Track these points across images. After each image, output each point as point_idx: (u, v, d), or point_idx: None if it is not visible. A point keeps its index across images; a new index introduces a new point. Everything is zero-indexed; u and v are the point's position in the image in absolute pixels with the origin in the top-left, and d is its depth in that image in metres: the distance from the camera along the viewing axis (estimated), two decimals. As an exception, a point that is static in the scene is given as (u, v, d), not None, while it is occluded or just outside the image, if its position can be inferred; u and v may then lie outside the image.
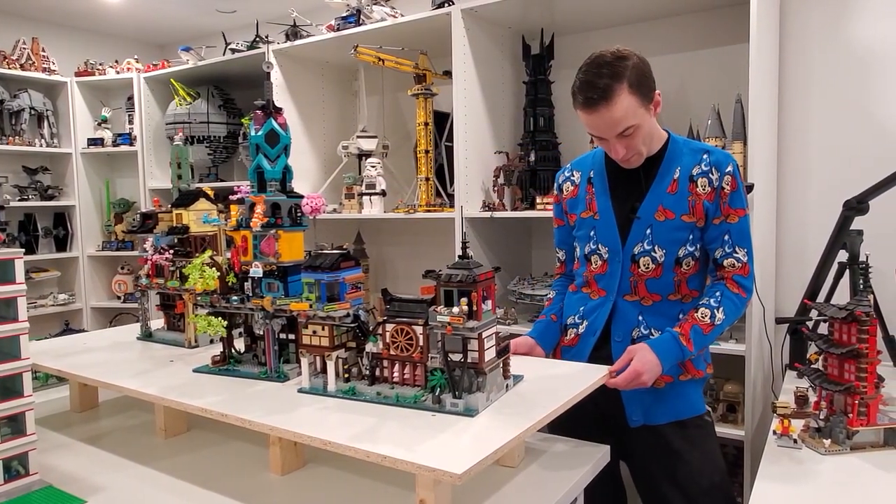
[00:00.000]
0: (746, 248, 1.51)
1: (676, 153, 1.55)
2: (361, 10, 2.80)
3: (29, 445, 1.30)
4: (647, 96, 1.45)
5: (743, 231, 1.51)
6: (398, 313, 1.26)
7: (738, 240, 1.51)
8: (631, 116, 1.42)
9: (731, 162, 1.51)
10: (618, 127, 1.43)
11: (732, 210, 1.50)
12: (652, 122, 1.50)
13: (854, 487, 1.21)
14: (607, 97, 1.40)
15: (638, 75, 1.42)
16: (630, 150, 1.48)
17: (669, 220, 1.51)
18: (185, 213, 1.90)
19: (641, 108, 1.43)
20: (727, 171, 1.50)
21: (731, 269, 1.51)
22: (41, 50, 3.87)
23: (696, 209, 1.51)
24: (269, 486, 1.30)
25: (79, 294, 4.08)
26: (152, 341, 1.93)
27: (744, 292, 1.51)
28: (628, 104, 1.41)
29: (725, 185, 1.49)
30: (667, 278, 1.54)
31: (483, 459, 0.96)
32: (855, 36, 2.27)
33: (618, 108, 1.40)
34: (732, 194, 1.50)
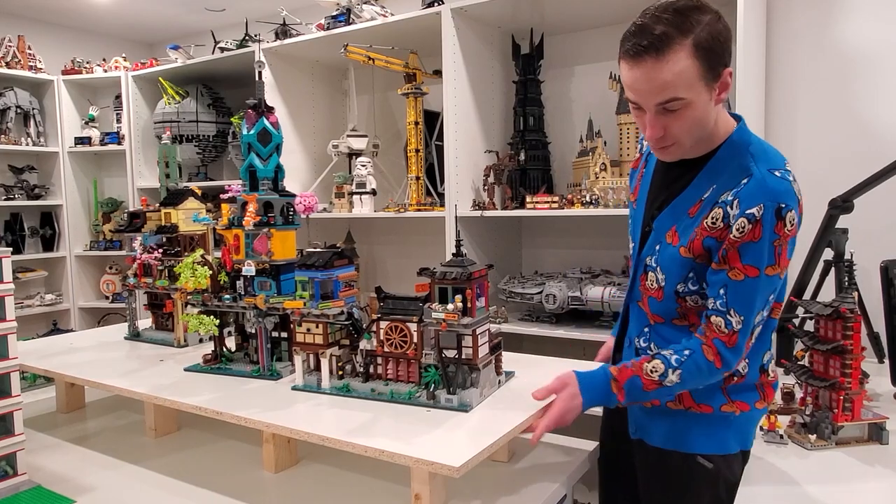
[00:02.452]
0: (744, 315, 1.13)
1: (724, 163, 1.16)
2: (351, 9, 2.79)
3: (17, 446, 1.29)
4: (714, 69, 1.07)
5: (745, 295, 1.12)
6: (392, 310, 1.27)
7: (736, 301, 1.13)
8: (683, 85, 1.06)
9: (763, 202, 1.07)
10: (662, 93, 1.07)
11: (741, 265, 1.10)
12: (709, 107, 1.11)
13: (839, 481, 1.23)
14: (660, 48, 1.05)
15: (711, 36, 1.06)
16: (668, 134, 1.13)
17: (672, 247, 1.20)
18: (173, 212, 1.90)
19: (700, 82, 1.07)
20: (748, 214, 1.08)
21: (716, 331, 1.15)
22: (27, 48, 3.82)
23: (694, 245, 1.16)
24: (264, 483, 1.31)
25: (66, 294, 4.03)
26: (140, 341, 1.92)
27: (720, 363, 1.16)
28: (684, 67, 1.05)
29: (738, 229, 1.09)
30: (668, 305, 1.24)
31: (480, 453, 0.97)
32: (840, 37, 2.30)
33: (669, 67, 1.05)
34: (745, 245, 1.09)
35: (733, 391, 1.25)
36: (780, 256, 1.10)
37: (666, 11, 1.07)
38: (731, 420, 1.25)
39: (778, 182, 1.09)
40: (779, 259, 1.10)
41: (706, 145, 1.18)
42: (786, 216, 1.07)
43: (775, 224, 1.07)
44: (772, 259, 1.10)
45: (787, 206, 1.08)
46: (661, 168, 1.28)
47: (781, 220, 1.07)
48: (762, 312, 1.15)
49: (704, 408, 1.25)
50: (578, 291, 2.32)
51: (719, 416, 1.24)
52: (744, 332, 1.14)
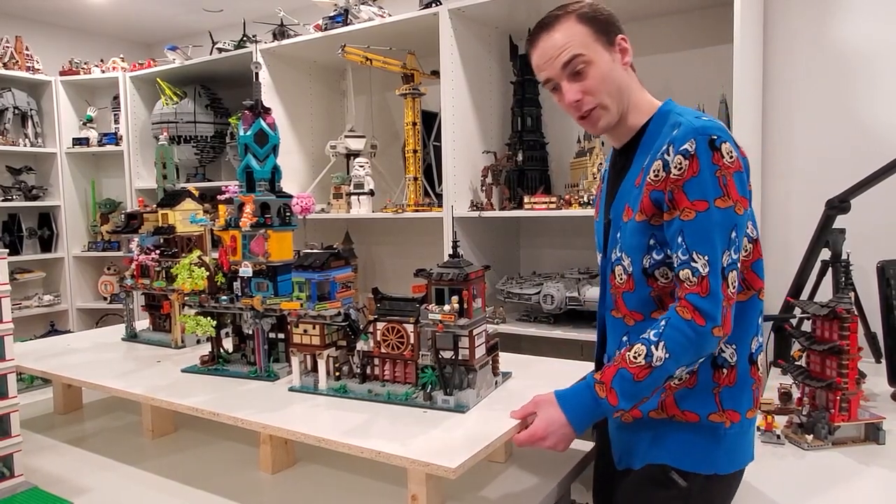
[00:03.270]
0: (708, 254, 1.05)
1: (655, 132, 1.18)
2: (349, 9, 2.79)
3: (14, 447, 1.29)
4: (605, 33, 1.16)
5: (702, 232, 1.06)
6: (389, 312, 1.27)
7: (695, 242, 1.06)
8: (577, 43, 1.14)
9: (694, 137, 1.06)
10: (562, 54, 1.13)
11: (689, 202, 1.06)
12: (615, 67, 1.17)
13: (836, 481, 1.23)
14: (548, 24, 1.17)
15: (592, 10, 1.17)
16: (585, 97, 1.16)
17: (629, 222, 1.16)
18: (170, 213, 1.90)
19: (596, 43, 1.15)
20: (682, 150, 1.06)
21: (687, 286, 1.06)
22: (25, 48, 3.82)
23: (644, 203, 1.12)
24: (261, 484, 1.30)
25: (64, 295, 4.03)
26: (137, 342, 1.92)
27: (700, 318, 1.04)
28: (575, 31, 1.14)
29: (676, 168, 1.07)
30: (641, 292, 1.15)
31: (476, 454, 0.97)
32: (837, 37, 2.31)
33: (560, 33, 1.15)
34: (688, 182, 1.06)
35: (726, 396, 1.12)
36: (728, 188, 1.06)
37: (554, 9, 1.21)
38: (720, 433, 1.11)
39: (706, 121, 1.09)
40: (726, 190, 1.06)
41: (636, 116, 1.21)
42: (720, 147, 1.06)
43: (711, 155, 1.05)
44: (718, 190, 1.05)
45: (719, 138, 1.06)
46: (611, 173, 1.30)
47: (717, 151, 1.05)
48: (729, 252, 1.07)
49: (690, 416, 1.12)
50: (576, 292, 2.32)
51: (706, 426, 1.12)
52: (714, 275, 1.05)
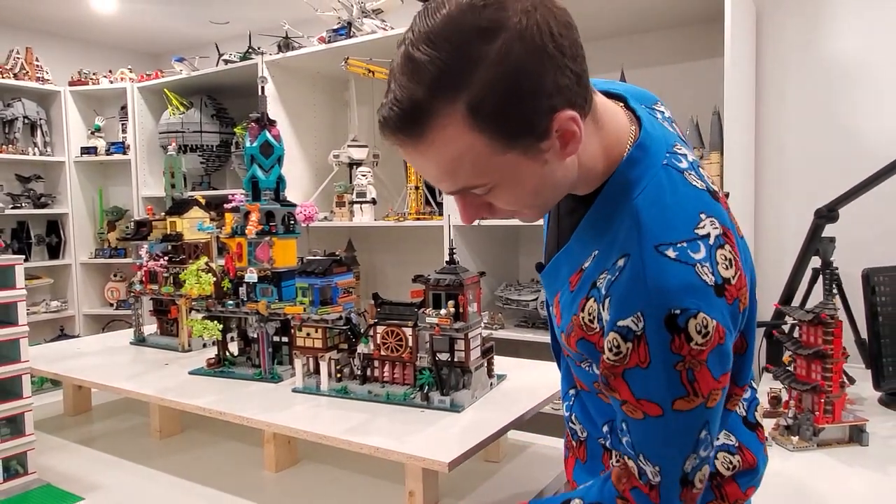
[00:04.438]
0: (660, 465, 0.73)
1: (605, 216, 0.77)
2: (352, 22, 2.87)
3: (28, 445, 1.34)
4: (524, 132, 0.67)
5: (652, 438, 0.73)
6: (388, 316, 1.32)
7: (642, 445, 0.74)
8: (470, 171, 0.69)
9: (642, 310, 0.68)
10: (445, 183, 0.73)
11: (633, 400, 0.71)
12: (547, 170, 0.72)
13: (819, 482, 1.28)
14: (410, 130, 0.67)
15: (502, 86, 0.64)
16: (492, 211, 0.78)
17: (557, 328, 0.86)
18: (178, 220, 1.96)
19: (506, 156, 0.68)
20: (620, 327, 0.69)
21: (634, 479, 0.76)
22: (35, 59, 3.90)
23: (571, 341, 0.81)
24: (264, 482, 1.35)
25: (71, 301, 4.09)
26: (146, 346, 1.97)
27: None
28: (462, 151, 0.67)
29: (610, 350, 0.71)
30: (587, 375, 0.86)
31: (469, 450, 1.02)
32: (828, 49, 2.37)
33: (434, 155, 0.69)
34: (632, 371, 0.70)
35: None
36: (696, 382, 0.68)
37: (426, 41, 0.64)
38: None
39: (671, 270, 0.67)
40: (694, 386, 0.68)
41: (584, 187, 0.79)
42: (686, 325, 0.66)
43: (669, 340, 0.66)
44: (679, 390, 0.68)
45: (685, 312, 0.66)
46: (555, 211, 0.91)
47: (679, 334, 0.66)
48: (696, 454, 0.73)
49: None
50: (573, 298, 2.37)
51: None
52: (667, 487, 0.74)
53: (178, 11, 3.75)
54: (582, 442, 0.94)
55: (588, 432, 0.92)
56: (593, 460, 0.92)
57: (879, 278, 1.67)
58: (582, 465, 0.93)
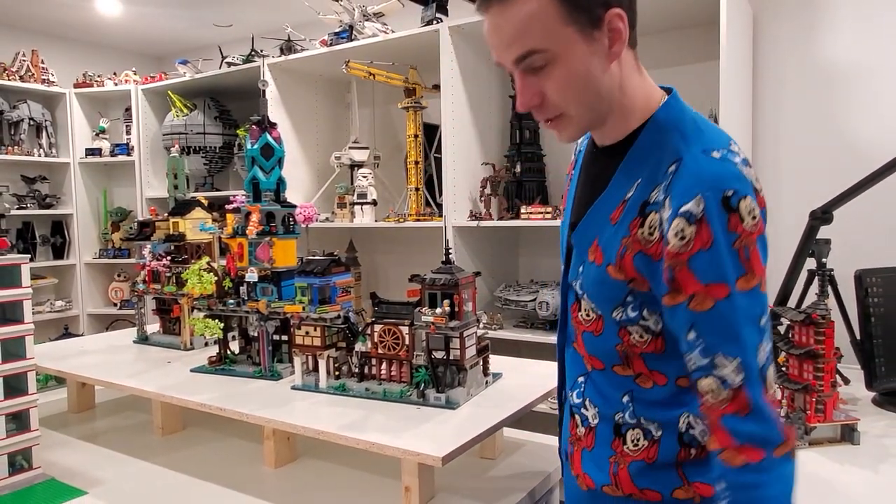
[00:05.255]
0: (739, 356, 0.77)
1: (648, 149, 0.87)
2: (354, 26, 2.90)
3: (32, 441, 1.37)
4: (585, 10, 0.81)
5: (726, 327, 0.77)
6: (385, 315, 1.35)
7: (718, 342, 0.78)
8: (537, 32, 0.81)
9: (701, 193, 0.77)
10: (513, 45, 0.83)
11: (701, 286, 0.77)
12: (593, 62, 0.83)
13: (810, 480, 1.29)
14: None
15: None
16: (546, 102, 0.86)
17: (596, 266, 0.90)
18: (181, 221, 1.99)
19: (566, 28, 0.81)
20: (683, 212, 0.77)
21: (714, 404, 0.78)
22: (40, 62, 3.95)
23: (626, 264, 0.85)
24: (264, 478, 1.38)
25: (76, 301, 4.13)
26: (148, 344, 2.00)
27: (754, 452, 0.76)
28: (538, 11, 0.80)
29: (676, 236, 0.78)
30: (608, 341, 0.92)
31: (463, 445, 1.05)
32: (824, 53, 2.39)
33: (514, 12, 0.81)
34: (696, 257, 0.77)
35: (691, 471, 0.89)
36: (751, 261, 0.76)
37: None
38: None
39: (718, 164, 0.79)
40: (749, 265, 0.76)
41: (620, 123, 0.89)
42: (739, 206, 0.76)
43: (726, 219, 0.76)
44: (739, 268, 0.76)
45: (736, 193, 0.76)
46: (586, 162, 0.99)
47: (734, 212, 0.76)
48: (763, 346, 0.78)
49: (650, 494, 0.90)
50: (571, 299, 2.39)
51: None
52: (751, 383, 0.76)
53: (181, 14, 3.79)
54: (592, 428, 0.96)
55: (601, 414, 0.95)
56: (601, 447, 0.94)
57: (872, 279, 1.69)
58: (589, 452, 0.96)
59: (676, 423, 0.89)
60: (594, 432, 0.95)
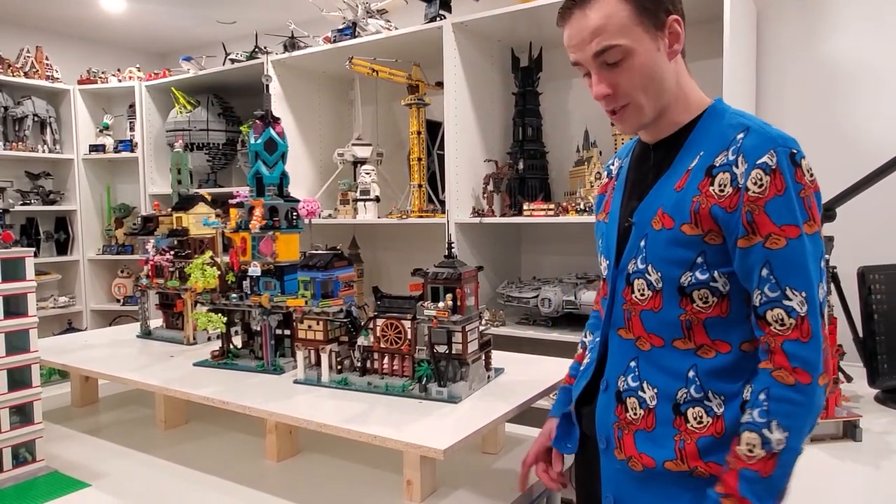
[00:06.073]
0: (806, 290, 0.90)
1: (707, 131, 1.01)
2: (357, 22, 2.90)
3: (36, 433, 1.38)
4: (653, 14, 0.99)
5: (797, 263, 0.90)
6: (388, 309, 1.35)
7: (788, 276, 0.90)
8: (614, 29, 0.97)
9: (773, 148, 0.92)
10: (594, 41, 0.99)
11: (776, 227, 0.91)
12: (659, 58, 1.00)
13: (812, 476, 1.29)
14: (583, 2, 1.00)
15: None
16: (618, 92, 1.01)
17: (666, 231, 0.99)
18: (184, 216, 2.00)
19: (637, 27, 0.98)
20: (760, 164, 0.91)
21: (779, 331, 0.90)
22: (45, 58, 3.95)
23: (702, 217, 0.95)
24: (266, 471, 1.38)
25: (79, 297, 4.14)
26: (152, 339, 2.01)
27: (804, 374, 0.88)
28: (614, 12, 0.97)
29: (754, 184, 0.91)
30: (669, 314, 0.99)
31: (464, 438, 1.05)
32: (827, 50, 2.38)
33: (595, 14, 0.98)
34: (772, 201, 0.91)
35: None
36: (812, 210, 0.92)
37: None
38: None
39: (779, 131, 0.95)
40: (812, 213, 0.92)
41: (678, 115, 1.04)
42: (801, 162, 0.93)
43: (794, 171, 0.92)
44: (805, 213, 0.91)
45: (798, 152, 0.93)
46: (634, 165, 1.13)
47: (799, 167, 0.92)
48: (822, 285, 0.92)
49: (713, 467, 0.94)
50: (573, 296, 2.40)
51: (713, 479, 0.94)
52: (813, 314, 0.89)
53: (185, 11, 3.80)
54: (651, 410, 1.01)
55: (661, 394, 1.00)
56: (663, 426, 0.99)
57: (875, 276, 1.68)
58: (648, 433, 1.01)
59: (740, 394, 0.96)
60: (654, 413, 1.00)
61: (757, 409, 0.90)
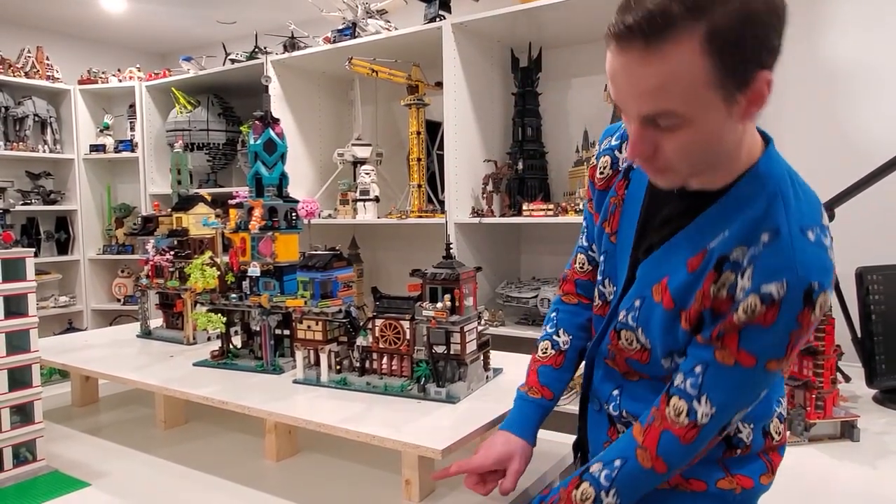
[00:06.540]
0: (717, 409, 0.83)
1: (742, 202, 0.83)
2: (357, 23, 2.90)
3: (37, 433, 1.38)
4: (739, 72, 0.73)
5: (729, 384, 0.82)
6: (387, 309, 1.36)
7: (712, 387, 0.82)
8: (681, 93, 0.73)
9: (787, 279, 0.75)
10: (649, 101, 0.75)
11: (735, 350, 0.80)
12: (726, 128, 0.78)
13: (809, 476, 1.30)
14: (652, 33, 0.71)
15: (743, 18, 0.72)
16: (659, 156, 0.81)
17: (664, 310, 0.88)
18: (184, 216, 2.00)
19: (711, 91, 0.73)
20: (763, 292, 0.76)
21: (670, 419, 0.85)
22: (45, 58, 3.96)
23: (691, 315, 0.86)
24: (265, 471, 1.39)
25: (79, 296, 4.15)
26: (152, 339, 2.01)
27: (663, 466, 0.86)
28: (686, 68, 0.71)
29: (744, 311, 0.78)
30: (655, 367, 0.95)
31: (462, 438, 1.05)
32: (826, 51, 2.38)
33: (662, 65, 0.72)
34: (750, 329, 0.78)
35: (734, 464, 0.95)
36: (792, 349, 0.78)
37: None
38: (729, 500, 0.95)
39: (813, 250, 0.76)
40: (789, 353, 0.79)
41: (722, 176, 0.85)
42: (817, 301, 0.75)
43: (800, 310, 0.75)
44: (780, 351, 0.78)
45: (820, 287, 0.75)
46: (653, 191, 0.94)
47: (810, 306, 0.75)
48: (743, 411, 0.85)
49: (695, 484, 0.95)
50: (572, 296, 2.40)
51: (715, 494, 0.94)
52: (709, 429, 0.83)
53: (185, 12, 3.80)
54: None
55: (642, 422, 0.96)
56: None
57: (873, 277, 1.69)
58: None
59: None
60: None
61: (606, 469, 0.89)
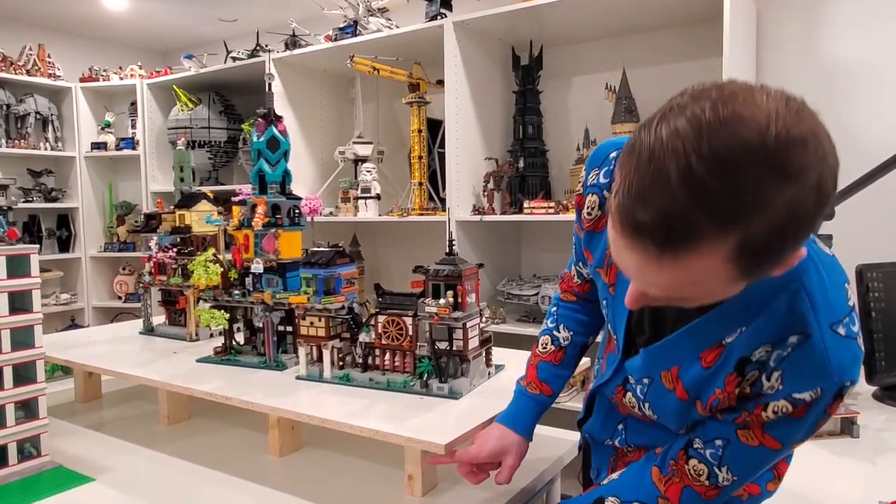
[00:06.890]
0: (738, 477, 0.81)
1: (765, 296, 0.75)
2: (358, 21, 2.91)
3: (41, 428, 1.39)
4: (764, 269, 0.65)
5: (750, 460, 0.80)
6: (389, 306, 1.37)
7: (733, 461, 0.80)
8: (696, 288, 0.67)
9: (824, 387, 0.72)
10: (657, 290, 0.69)
11: (760, 434, 0.77)
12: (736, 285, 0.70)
13: (809, 472, 1.31)
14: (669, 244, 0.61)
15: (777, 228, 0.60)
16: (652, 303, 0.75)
17: (676, 399, 0.85)
18: (187, 213, 2.01)
19: (732, 284, 0.67)
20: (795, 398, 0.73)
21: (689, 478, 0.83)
22: (47, 56, 3.97)
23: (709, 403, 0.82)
24: (268, 466, 1.40)
25: (81, 294, 4.16)
26: (154, 335, 2.02)
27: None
28: (711, 272, 0.63)
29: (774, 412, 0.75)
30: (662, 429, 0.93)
31: (464, 434, 1.06)
32: (827, 49, 2.39)
33: (681, 271, 0.64)
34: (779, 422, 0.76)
35: None
36: (815, 429, 0.78)
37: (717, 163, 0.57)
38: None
39: (844, 349, 0.73)
40: (810, 433, 0.78)
41: None
42: (845, 393, 0.74)
43: (830, 404, 0.74)
44: (806, 434, 0.77)
45: (851, 382, 0.74)
46: None
47: (839, 399, 0.74)
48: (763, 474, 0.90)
49: None
50: (573, 293, 2.41)
51: None
52: (731, 488, 0.82)
53: (187, 9, 3.81)
54: None
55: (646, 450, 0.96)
56: None
57: (873, 274, 1.69)
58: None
59: None
60: None
61: None
